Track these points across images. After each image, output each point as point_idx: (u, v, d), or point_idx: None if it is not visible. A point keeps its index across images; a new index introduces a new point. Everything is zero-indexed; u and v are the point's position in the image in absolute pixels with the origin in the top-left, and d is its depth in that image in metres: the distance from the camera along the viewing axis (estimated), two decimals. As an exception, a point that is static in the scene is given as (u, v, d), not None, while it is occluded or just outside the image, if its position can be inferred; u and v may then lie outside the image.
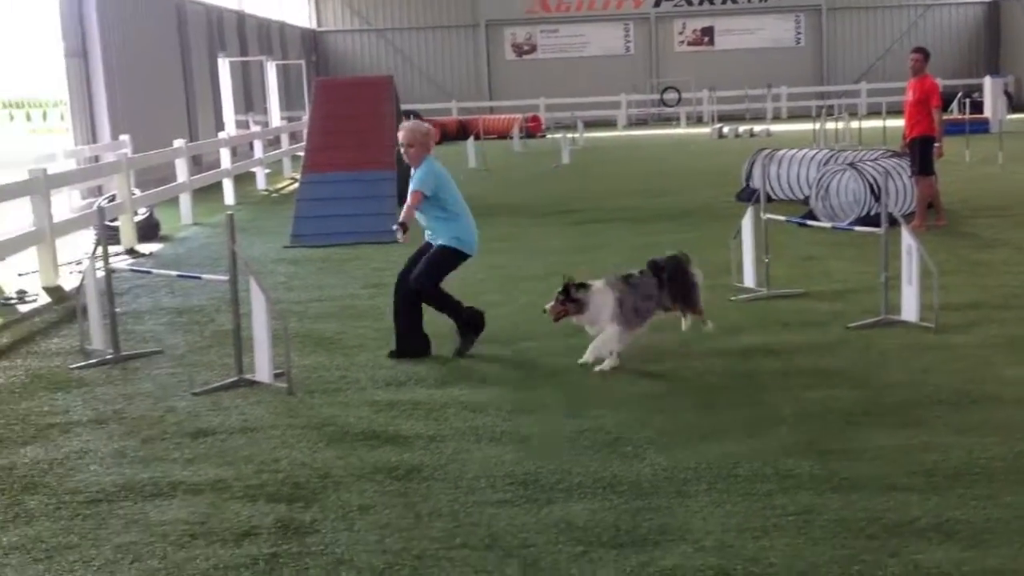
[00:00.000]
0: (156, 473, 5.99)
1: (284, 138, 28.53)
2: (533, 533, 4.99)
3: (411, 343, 8.36)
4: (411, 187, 8.28)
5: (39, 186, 12.38)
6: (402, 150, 8.42)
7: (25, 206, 13.21)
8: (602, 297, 7.76)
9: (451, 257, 8.38)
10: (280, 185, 24.97)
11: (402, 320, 8.38)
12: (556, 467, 5.83)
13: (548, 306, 7.86)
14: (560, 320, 7.91)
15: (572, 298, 7.75)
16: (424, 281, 8.24)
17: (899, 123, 16.63)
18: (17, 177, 13.26)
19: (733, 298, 9.98)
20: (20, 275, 13.03)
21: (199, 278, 10.08)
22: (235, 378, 7.72)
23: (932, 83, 13.64)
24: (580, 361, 7.86)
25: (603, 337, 7.78)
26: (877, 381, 7.23)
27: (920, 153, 13.50)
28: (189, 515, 5.36)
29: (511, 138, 34.56)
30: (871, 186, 13.76)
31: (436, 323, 8.48)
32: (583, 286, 7.77)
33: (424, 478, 5.75)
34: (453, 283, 8.62)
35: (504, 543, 4.90)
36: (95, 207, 11.70)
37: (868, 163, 14.68)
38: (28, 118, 23.30)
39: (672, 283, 8.20)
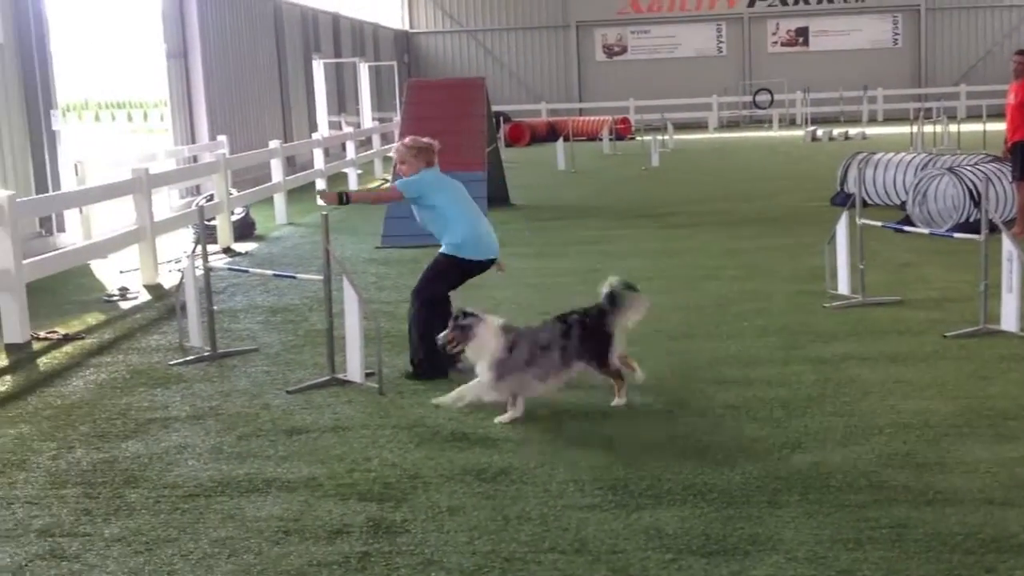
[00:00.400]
0: (251, 469, 6.11)
1: (376, 139, 28.84)
2: (622, 539, 4.99)
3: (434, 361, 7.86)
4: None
5: (141, 185, 12.71)
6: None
7: (127, 205, 13.55)
8: (488, 334, 6.92)
9: (446, 264, 7.97)
10: (372, 185, 25.25)
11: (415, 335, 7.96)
12: (646, 473, 5.82)
13: (441, 335, 7.10)
14: (456, 350, 7.11)
15: (458, 324, 6.99)
16: (421, 290, 7.97)
17: (1000, 127, 16.24)
18: (120, 176, 13.63)
19: (827, 305, 9.86)
20: (122, 272, 13.37)
21: (294, 277, 10.25)
22: (327, 377, 7.84)
23: None
24: (434, 401, 7.22)
25: (472, 384, 7.03)
26: (975, 392, 7.08)
27: (1022, 158, 13.17)
28: (283, 511, 5.47)
29: (600, 140, 34.49)
30: (970, 191, 13.48)
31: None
32: (472, 315, 6.99)
33: (513, 481, 5.78)
34: (543, 283, 8.61)
35: (593, 548, 4.91)
36: (195, 206, 11.95)
37: (967, 168, 14.37)
38: (129, 119, 23.90)
39: (584, 336, 7.02)
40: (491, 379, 6.85)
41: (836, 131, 34.85)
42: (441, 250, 8.05)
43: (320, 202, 8.22)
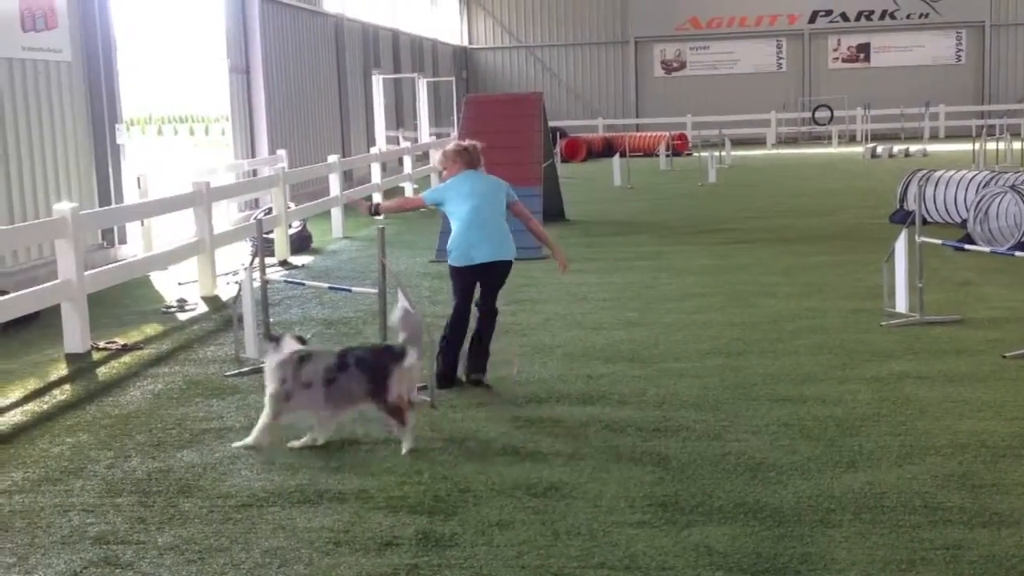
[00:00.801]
0: (303, 480, 6.16)
1: (433, 153, 28.99)
2: (671, 556, 4.97)
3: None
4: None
5: (202, 199, 12.89)
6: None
7: (187, 217, 13.74)
8: (271, 354, 6.82)
9: (450, 273, 8.27)
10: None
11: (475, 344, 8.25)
12: (696, 490, 5.78)
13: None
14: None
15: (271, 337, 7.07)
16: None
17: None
18: (181, 190, 13.83)
19: (884, 323, 9.74)
20: (180, 284, 13.56)
21: (349, 291, 10.33)
22: (381, 390, 7.86)
23: None
24: (234, 445, 6.86)
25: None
26: (1035, 413, 6.96)
27: None
28: (334, 523, 5.50)
29: (657, 156, 34.40)
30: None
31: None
32: (274, 338, 6.94)
33: (563, 496, 5.78)
34: (597, 299, 8.59)
35: (642, 564, 4.89)
36: (253, 220, 12.09)
37: (1020, 187, 14.15)
38: (191, 132, 24.24)
39: (363, 371, 6.68)
40: (266, 408, 6.78)
41: (896, 148, 34.47)
42: None
43: (362, 210, 8.34)
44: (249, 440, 6.81)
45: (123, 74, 16.71)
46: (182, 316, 11.63)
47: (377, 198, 8.22)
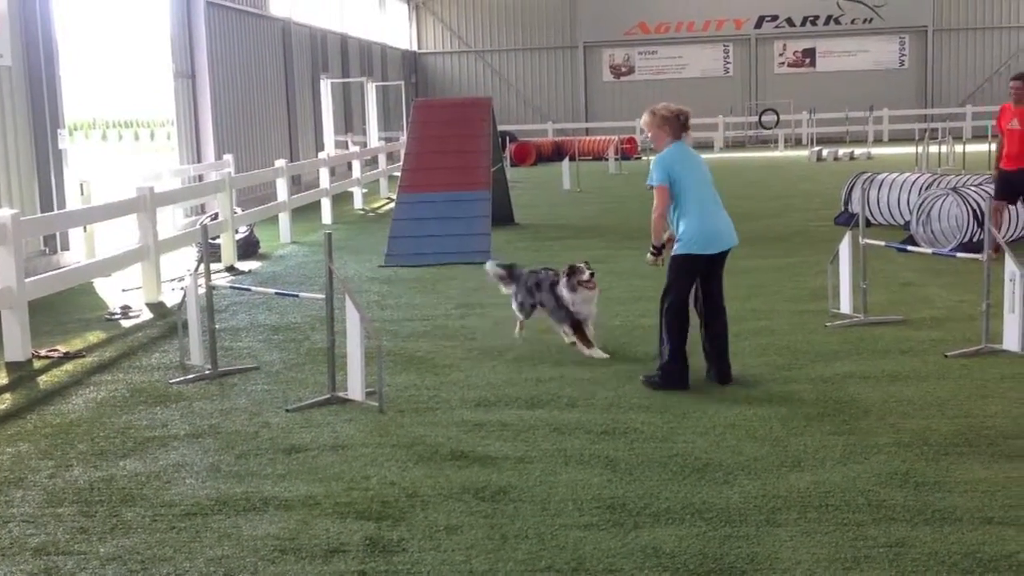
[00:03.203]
0: (249, 488, 6.10)
1: (382, 158, 28.92)
2: (619, 558, 4.97)
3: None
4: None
5: (145, 204, 12.74)
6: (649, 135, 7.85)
7: (131, 223, 13.59)
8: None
9: (682, 262, 7.77)
10: (376, 205, 25.31)
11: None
12: (644, 492, 5.80)
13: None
14: None
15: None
16: (664, 296, 7.93)
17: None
18: (125, 195, 13.66)
19: (829, 324, 9.84)
20: (124, 291, 13.40)
21: (296, 296, 10.24)
22: (328, 395, 7.83)
23: None
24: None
25: None
26: (976, 412, 7.05)
27: None
28: (280, 530, 5.45)
29: (606, 160, 34.54)
30: (974, 211, 13.46)
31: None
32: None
33: (511, 499, 5.76)
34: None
35: (590, 567, 4.89)
36: (199, 225, 11.97)
37: (971, 188, 14.36)
38: (136, 138, 24.00)
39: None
40: None
41: (841, 151, 34.88)
42: (675, 251, 7.75)
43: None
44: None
45: (66, 79, 16.49)
46: (126, 323, 11.49)
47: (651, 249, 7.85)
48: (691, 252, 7.69)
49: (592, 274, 8.88)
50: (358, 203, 24.61)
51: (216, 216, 16.13)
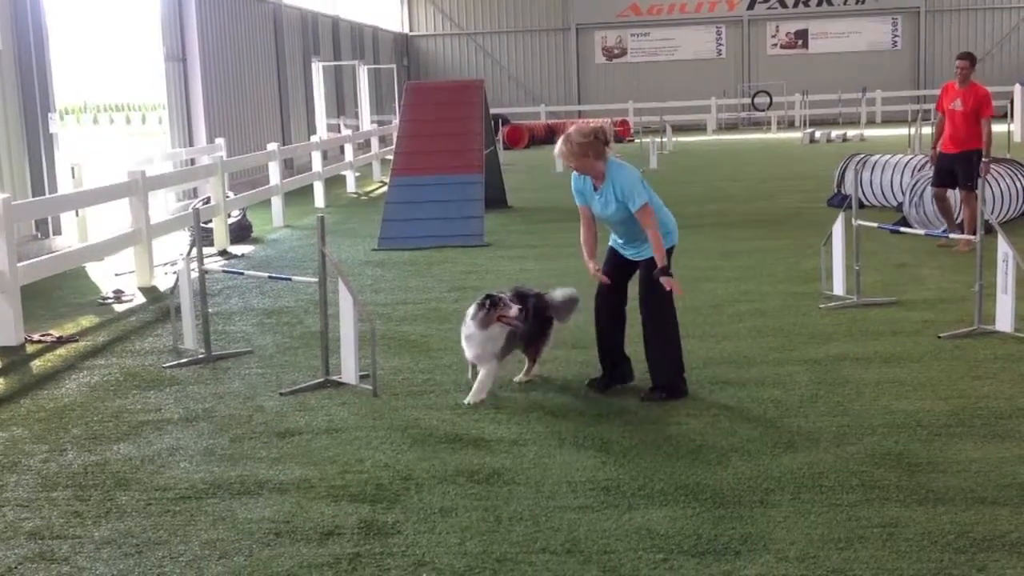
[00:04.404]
0: (243, 471, 6.10)
1: (374, 141, 28.85)
2: (613, 539, 4.98)
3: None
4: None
5: (137, 188, 12.70)
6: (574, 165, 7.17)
7: (123, 207, 13.55)
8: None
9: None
10: (369, 188, 25.26)
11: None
12: (638, 473, 5.81)
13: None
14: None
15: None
16: (659, 303, 7.18)
17: (998, 128, 16.28)
18: (116, 179, 13.62)
19: (822, 306, 9.85)
20: (117, 275, 13.37)
21: (289, 280, 10.24)
22: (322, 379, 7.83)
23: (985, 91, 12.64)
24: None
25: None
26: (968, 392, 7.07)
27: (975, 167, 12.34)
28: (274, 513, 5.45)
29: (600, 142, 34.41)
30: (967, 192, 13.45)
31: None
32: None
33: (505, 482, 5.77)
34: (537, 285, 8.59)
35: (584, 548, 4.90)
36: (191, 209, 11.95)
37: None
38: (128, 121, 23.91)
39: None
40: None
41: (834, 133, 34.86)
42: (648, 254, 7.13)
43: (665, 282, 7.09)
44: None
45: (57, 63, 16.41)
46: (119, 307, 11.47)
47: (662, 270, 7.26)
48: (668, 246, 7.18)
49: (521, 309, 7.26)
50: (351, 187, 24.56)
51: (208, 200, 16.08)
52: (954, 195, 13.02)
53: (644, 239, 7.11)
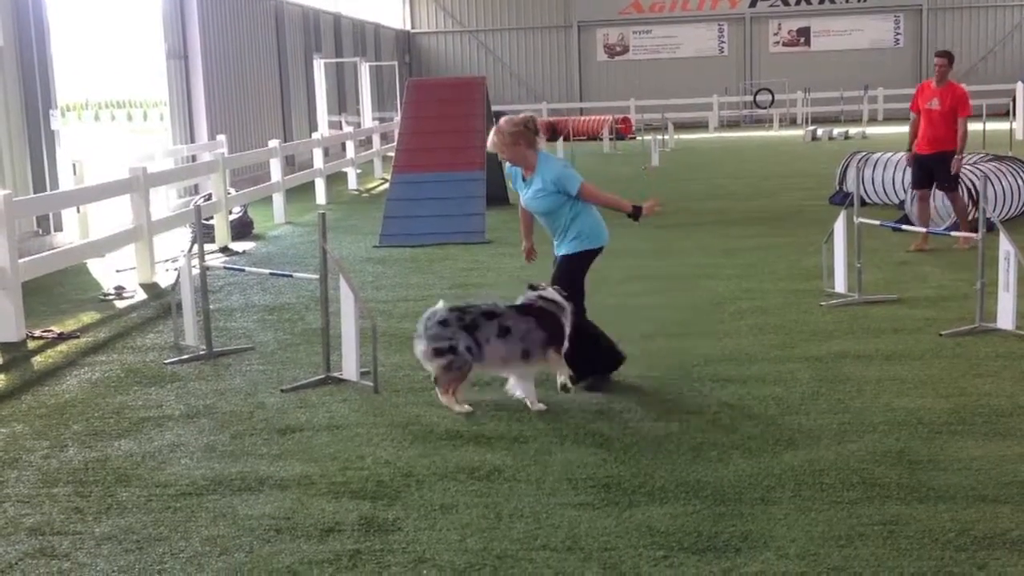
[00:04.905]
0: (244, 468, 6.10)
1: (376, 138, 28.83)
2: (614, 536, 4.98)
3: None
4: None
5: (138, 185, 12.70)
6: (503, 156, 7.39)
7: (125, 204, 13.55)
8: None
9: (587, 257, 7.54)
10: (371, 185, 25.26)
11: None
12: (639, 470, 5.80)
13: None
14: None
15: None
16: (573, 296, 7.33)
17: (1001, 126, 16.26)
18: (118, 176, 13.62)
19: (824, 303, 9.84)
20: (118, 271, 13.36)
21: (290, 276, 10.23)
22: (323, 376, 7.83)
23: (963, 91, 12.58)
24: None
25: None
26: (970, 390, 7.06)
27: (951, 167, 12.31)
28: (275, 510, 5.45)
29: (601, 139, 34.47)
30: (968, 190, 13.45)
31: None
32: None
33: (506, 479, 5.77)
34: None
35: (585, 545, 4.90)
36: (192, 206, 11.95)
37: (966, 167, 14.34)
38: (129, 118, 23.89)
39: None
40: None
41: (836, 131, 34.84)
42: (568, 249, 7.39)
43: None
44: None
45: (58, 59, 16.41)
46: (120, 304, 11.47)
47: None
48: (594, 247, 7.46)
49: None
50: (352, 183, 24.55)
51: (209, 197, 16.08)
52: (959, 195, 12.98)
53: (566, 233, 7.35)
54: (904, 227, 11.66)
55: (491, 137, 7.31)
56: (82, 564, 4.90)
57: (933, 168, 12.40)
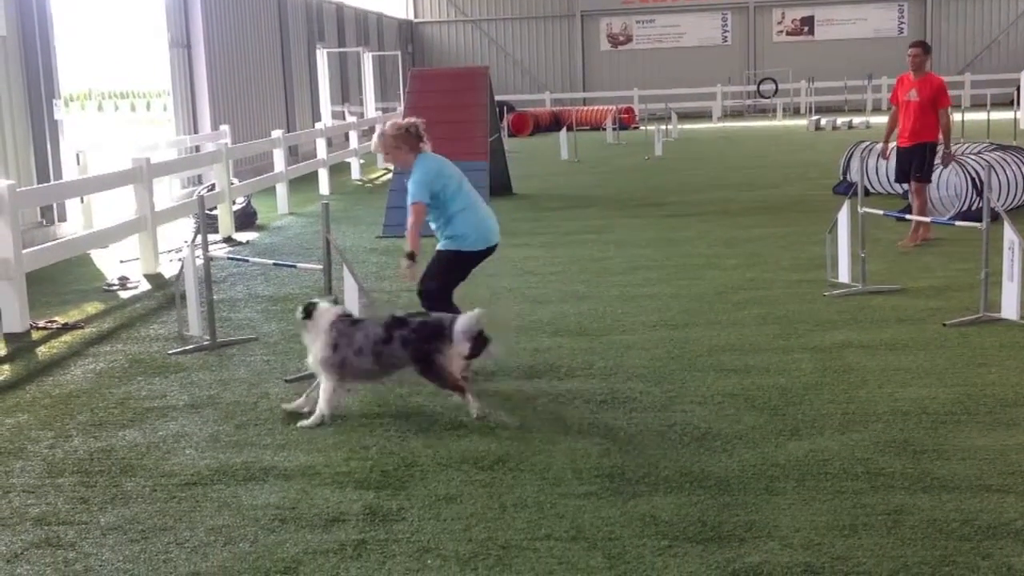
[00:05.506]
0: (249, 458, 6.11)
1: (379, 128, 28.76)
2: (618, 526, 4.98)
3: None
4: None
5: (142, 175, 12.70)
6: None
7: (128, 194, 13.56)
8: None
9: (457, 259, 7.65)
10: (374, 175, 25.25)
11: None
12: (643, 460, 5.81)
13: None
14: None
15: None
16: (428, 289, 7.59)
17: (1005, 115, 16.23)
18: (121, 166, 13.62)
19: (827, 293, 9.83)
20: (122, 262, 13.38)
21: (294, 267, 10.25)
22: (327, 366, 7.81)
23: (940, 81, 12.50)
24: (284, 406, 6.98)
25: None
26: (974, 380, 7.06)
27: (930, 159, 12.23)
28: (280, 500, 5.46)
29: (604, 129, 34.44)
30: (973, 180, 13.44)
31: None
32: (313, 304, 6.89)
33: (510, 469, 5.78)
34: (544, 272, 8.59)
35: (589, 535, 4.90)
36: (195, 196, 11.94)
37: (970, 156, 14.33)
38: (132, 108, 23.87)
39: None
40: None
41: (840, 120, 34.79)
42: (442, 245, 7.63)
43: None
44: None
45: (61, 49, 16.40)
46: (124, 294, 11.48)
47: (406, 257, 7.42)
48: (464, 250, 7.54)
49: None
50: (355, 174, 24.55)
51: (213, 187, 16.08)
52: (956, 185, 12.96)
53: (444, 231, 7.58)
54: (908, 217, 11.64)
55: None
56: (87, 554, 4.91)
57: (912, 159, 12.27)
